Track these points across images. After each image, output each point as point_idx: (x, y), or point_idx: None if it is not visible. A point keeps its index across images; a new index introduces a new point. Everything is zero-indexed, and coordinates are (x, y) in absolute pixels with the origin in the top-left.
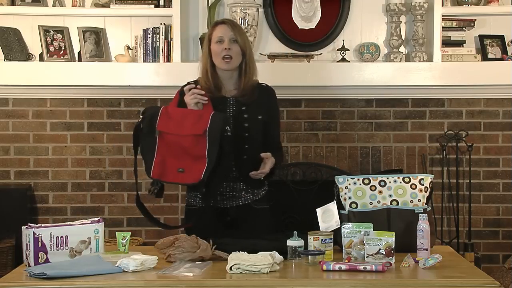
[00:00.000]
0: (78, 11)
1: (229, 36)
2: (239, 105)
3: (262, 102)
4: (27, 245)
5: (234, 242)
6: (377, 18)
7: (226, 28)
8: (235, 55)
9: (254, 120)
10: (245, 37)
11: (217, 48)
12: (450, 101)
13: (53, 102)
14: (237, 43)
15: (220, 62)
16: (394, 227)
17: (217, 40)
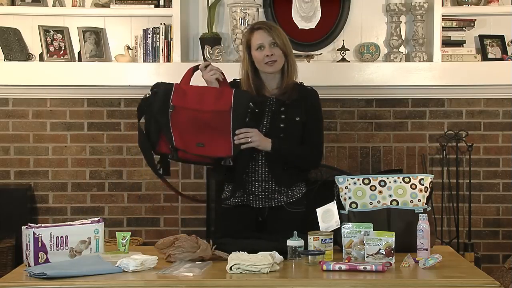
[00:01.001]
0: (78, 11)
1: (269, 42)
2: (278, 104)
3: (302, 103)
4: (27, 245)
5: (234, 242)
6: (377, 18)
7: (263, 34)
8: (278, 58)
9: (291, 121)
10: (283, 37)
11: (259, 55)
12: (450, 101)
13: (53, 102)
14: (278, 46)
15: (264, 67)
16: (394, 227)
17: (257, 47)
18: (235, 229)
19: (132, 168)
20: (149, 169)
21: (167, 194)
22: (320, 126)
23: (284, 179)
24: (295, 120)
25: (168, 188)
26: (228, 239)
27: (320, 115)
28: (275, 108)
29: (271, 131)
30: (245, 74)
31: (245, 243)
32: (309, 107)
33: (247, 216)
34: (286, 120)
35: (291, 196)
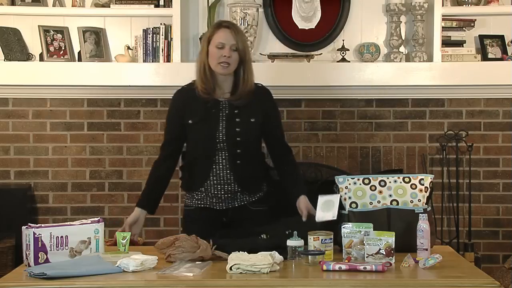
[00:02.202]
0: (78, 11)
1: (231, 44)
2: (231, 108)
3: (256, 104)
4: (27, 245)
5: (233, 242)
6: (377, 18)
7: (229, 34)
8: (233, 62)
9: (247, 124)
10: (245, 43)
11: (216, 53)
12: (450, 101)
13: (53, 102)
14: (237, 51)
15: (216, 66)
16: (394, 227)
17: (218, 45)
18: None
19: (132, 168)
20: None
21: (167, 194)
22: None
23: (244, 179)
24: (251, 122)
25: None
26: (226, 240)
27: (278, 111)
28: (229, 112)
29: (227, 136)
30: (202, 69)
31: (245, 242)
32: (266, 106)
33: (211, 218)
34: (241, 123)
35: (253, 195)
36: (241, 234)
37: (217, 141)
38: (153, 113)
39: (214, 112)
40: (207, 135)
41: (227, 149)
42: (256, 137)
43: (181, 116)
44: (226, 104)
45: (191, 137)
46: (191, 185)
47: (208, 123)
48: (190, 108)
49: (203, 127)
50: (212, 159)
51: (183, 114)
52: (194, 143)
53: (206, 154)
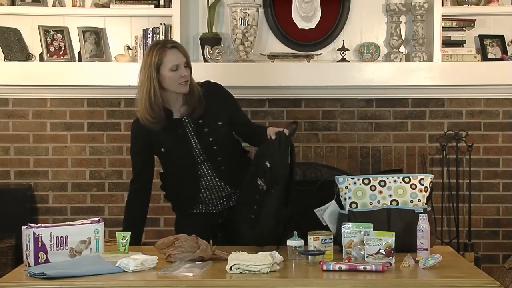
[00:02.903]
0: (78, 11)
1: (183, 62)
2: (194, 121)
3: (213, 106)
4: (27, 245)
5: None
6: (377, 18)
7: (178, 54)
8: (189, 78)
9: (216, 129)
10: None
11: (174, 75)
12: (450, 101)
13: (53, 102)
14: (188, 66)
15: (178, 87)
16: (394, 227)
17: (172, 68)
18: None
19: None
20: None
21: None
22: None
23: (234, 179)
24: (219, 126)
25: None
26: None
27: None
28: (194, 125)
29: (204, 149)
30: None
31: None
32: (223, 103)
33: (207, 221)
34: (211, 132)
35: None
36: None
37: (196, 157)
38: None
39: (181, 132)
40: (184, 155)
41: (208, 160)
42: (229, 136)
43: (149, 147)
44: (188, 120)
45: (167, 163)
46: (184, 206)
47: (181, 145)
48: (156, 137)
49: (177, 150)
50: (197, 174)
51: (151, 144)
52: (173, 168)
53: (189, 173)
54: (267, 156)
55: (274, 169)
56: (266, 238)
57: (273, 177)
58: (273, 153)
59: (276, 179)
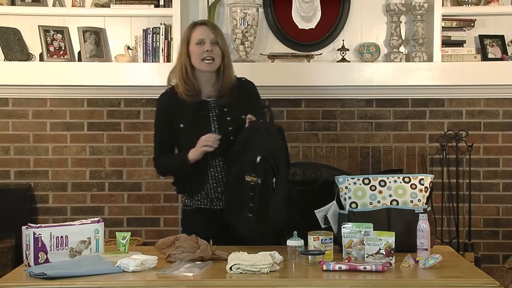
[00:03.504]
0: (78, 11)
1: (210, 39)
2: (220, 107)
3: (243, 100)
4: (27, 245)
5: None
6: (377, 18)
7: (207, 29)
8: (217, 57)
9: (238, 121)
10: (224, 39)
11: (198, 50)
12: (450, 101)
13: (53, 102)
14: (218, 45)
15: (200, 63)
16: (394, 227)
17: (198, 41)
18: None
19: (132, 168)
20: (149, 169)
21: (167, 194)
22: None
23: None
24: (242, 119)
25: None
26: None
27: (260, 104)
28: (218, 111)
29: (221, 135)
30: (184, 71)
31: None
32: (252, 100)
33: (210, 217)
34: (232, 122)
35: None
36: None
37: None
38: (153, 113)
39: (203, 113)
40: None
41: (221, 152)
42: None
43: (170, 121)
44: (214, 104)
45: (183, 141)
46: (189, 190)
47: (200, 126)
48: (179, 112)
49: (195, 130)
50: (208, 162)
51: (172, 118)
52: (188, 147)
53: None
54: (254, 151)
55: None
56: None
57: (270, 166)
58: (262, 144)
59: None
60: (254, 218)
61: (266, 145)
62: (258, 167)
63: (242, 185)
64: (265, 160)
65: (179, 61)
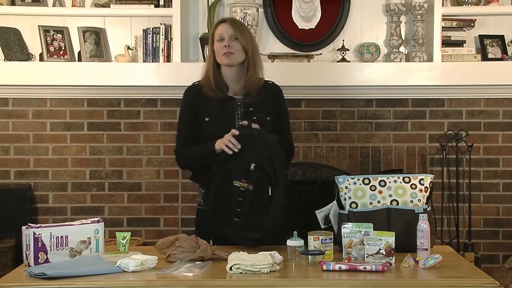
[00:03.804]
0: (78, 11)
1: (229, 34)
2: (246, 106)
3: (269, 102)
4: (27, 245)
5: None
6: (377, 18)
7: (226, 26)
8: (236, 51)
9: (263, 122)
10: (247, 34)
11: (218, 46)
12: (450, 101)
13: (53, 102)
14: (237, 40)
15: (221, 57)
16: (394, 227)
17: (218, 38)
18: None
19: (132, 168)
20: (149, 169)
21: (167, 194)
22: (289, 120)
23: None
24: (267, 120)
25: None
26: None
27: (287, 110)
28: (244, 109)
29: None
30: (208, 69)
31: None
32: (277, 104)
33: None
34: (257, 122)
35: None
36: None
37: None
38: (153, 113)
39: (229, 109)
40: (224, 132)
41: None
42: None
43: (195, 114)
44: (240, 102)
45: (207, 135)
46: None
47: (224, 121)
48: (205, 105)
49: (220, 124)
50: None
51: (197, 111)
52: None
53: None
54: (247, 158)
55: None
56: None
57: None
58: (258, 151)
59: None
60: (241, 223)
61: (262, 153)
62: (251, 174)
63: (228, 190)
64: (260, 168)
65: (207, 59)
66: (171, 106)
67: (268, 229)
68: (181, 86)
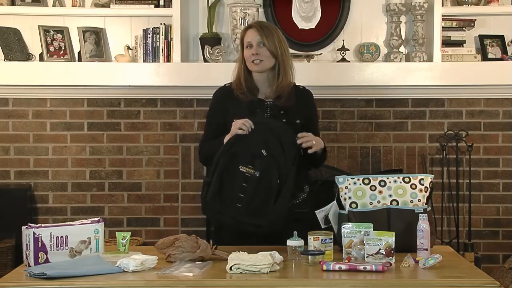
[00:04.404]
0: (78, 11)
1: (257, 41)
2: (276, 109)
3: (299, 106)
4: (27, 245)
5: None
6: (377, 18)
7: (253, 32)
8: (264, 57)
9: (293, 125)
10: (275, 39)
11: (247, 53)
12: (450, 101)
13: (53, 102)
14: (265, 46)
15: (250, 65)
16: (394, 227)
17: (247, 45)
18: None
19: (132, 168)
20: (149, 169)
21: (167, 194)
22: (318, 126)
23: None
24: (296, 123)
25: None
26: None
27: (318, 116)
28: (273, 112)
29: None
30: (238, 74)
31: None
32: (308, 109)
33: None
34: (287, 124)
35: (297, 196)
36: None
37: None
38: (153, 113)
39: (259, 112)
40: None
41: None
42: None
43: (224, 114)
44: (270, 104)
45: None
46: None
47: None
48: (235, 106)
49: None
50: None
51: (226, 112)
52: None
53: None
54: (259, 145)
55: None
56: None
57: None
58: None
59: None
60: (243, 209)
61: (273, 140)
62: (259, 161)
63: (234, 174)
64: (270, 156)
65: (237, 64)
66: (171, 106)
67: (274, 217)
68: (181, 86)
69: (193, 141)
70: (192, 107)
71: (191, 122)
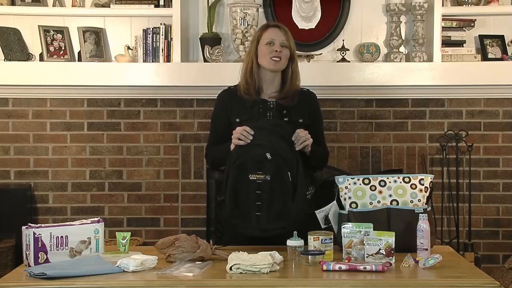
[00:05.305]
0: (78, 11)
1: (281, 40)
2: (279, 108)
3: (303, 106)
4: (27, 245)
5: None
6: (377, 18)
7: (278, 32)
8: (284, 58)
9: (295, 124)
10: (293, 43)
11: (266, 50)
12: (450, 101)
13: (53, 102)
14: (287, 47)
15: (268, 61)
16: (394, 227)
17: (268, 42)
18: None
19: (132, 168)
20: (149, 169)
21: (167, 194)
22: (322, 127)
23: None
24: (299, 123)
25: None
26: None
27: (322, 117)
28: (276, 111)
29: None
30: (248, 69)
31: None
32: (312, 110)
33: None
34: (290, 124)
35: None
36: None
37: None
38: (153, 113)
39: (261, 111)
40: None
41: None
42: None
43: (228, 115)
44: (274, 104)
45: None
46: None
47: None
48: (237, 107)
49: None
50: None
51: (230, 112)
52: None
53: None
54: (261, 149)
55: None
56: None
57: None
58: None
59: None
60: (263, 216)
61: (276, 138)
62: (266, 164)
63: (246, 185)
64: (276, 156)
65: (246, 60)
66: (171, 106)
67: (296, 215)
68: (181, 86)
69: (193, 141)
70: (192, 107)
71: (191, 122)
